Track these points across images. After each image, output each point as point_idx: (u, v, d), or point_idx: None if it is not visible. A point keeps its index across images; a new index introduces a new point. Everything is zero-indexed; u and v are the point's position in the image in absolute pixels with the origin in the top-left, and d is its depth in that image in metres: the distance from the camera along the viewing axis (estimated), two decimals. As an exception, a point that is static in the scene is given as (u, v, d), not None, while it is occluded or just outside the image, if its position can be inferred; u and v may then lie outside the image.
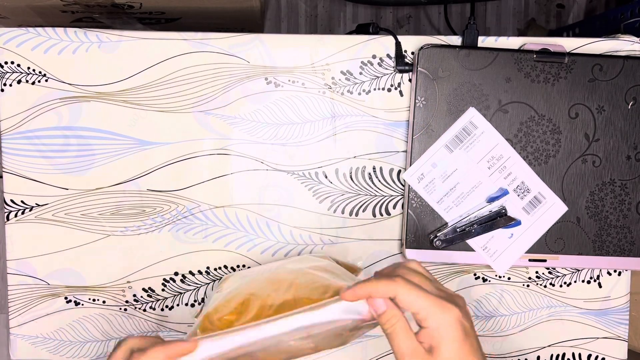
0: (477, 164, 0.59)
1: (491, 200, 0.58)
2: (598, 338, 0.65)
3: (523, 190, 0.59)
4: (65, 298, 0.61)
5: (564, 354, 0.65)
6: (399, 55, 0.59)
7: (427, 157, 0.58)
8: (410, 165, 0.58)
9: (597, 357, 0.65)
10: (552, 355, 0.65)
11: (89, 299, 0.62)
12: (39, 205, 0.60)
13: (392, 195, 0.62)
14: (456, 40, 0.60)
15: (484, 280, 0.63)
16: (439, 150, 0.58)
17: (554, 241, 0.60)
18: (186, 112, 0.60)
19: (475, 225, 0.59)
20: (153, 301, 0.62)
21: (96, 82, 0.59)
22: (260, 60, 0.60)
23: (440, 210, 0.59)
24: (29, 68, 0.59)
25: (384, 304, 0.42)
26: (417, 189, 0.59)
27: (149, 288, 0.62)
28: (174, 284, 0.62)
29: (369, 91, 0.61)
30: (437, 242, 0.58)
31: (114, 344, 0.61)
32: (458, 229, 0.59)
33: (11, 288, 0.61)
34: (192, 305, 0.63)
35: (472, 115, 0.58)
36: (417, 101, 0.58)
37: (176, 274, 0.62)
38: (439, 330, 0.40)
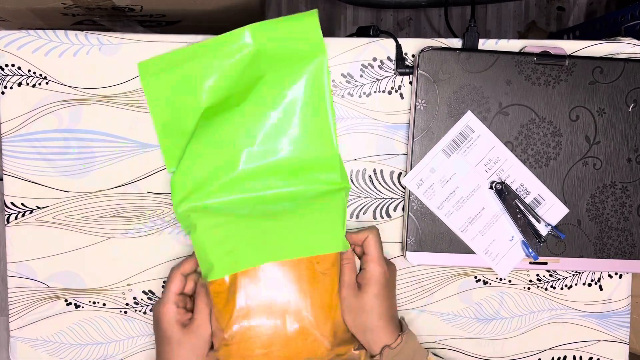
0: (475, 167, 0.59)
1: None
2: (599, 341, 0.64)
3: (523, 192, 0.59)
4: (65, 301, 0.61)
5: (564, 357, 0.64)
6: (400, 57, 0.59)
7: (426, 162, 0.58)
8: (411, 168, 0.58)
9: (598, 360, 0.65)
10: (553, 358, 0.64)
11: (89, 301, 0.62)
12: (39, 207, 0.60)
13: (392, 198, 0.62)
14: (457, 42, 0.60)
15: (485, 282, 0.63)
16: (436, 155, 0.58)
17: (555, 244, 0.60)
18: (187, 114, 0.60)
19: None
20: (153, 304, 0.62)
21: (97, 85, 0.59)
22: (261, 63, 0.60)
23: (441, 215, 0.59)
24: (29, 70, 0.59)
25: (351, 249, 0.58)
26: (417, 194, 0.59)
27: (149, 290, 0.62)
28: (174, 286, 0.62)
29: (370, 94, 0.61)
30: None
31: (115, 346, 0.61)
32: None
33: (11, 290, 0.61)
34: (193, 308, 0.62)
35: (468, 119, 0.58)
36: (417, 104, 0.58)
37: (176, 276, 0.62)
38: (370, 273, 0.56)
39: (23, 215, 0.60)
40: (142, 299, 0.62)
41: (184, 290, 0.57)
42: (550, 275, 0.64)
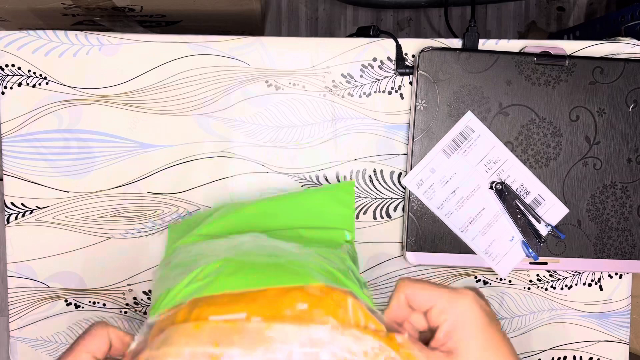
0: (475, 167, 0.59)
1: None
2: (599, 341, 0.64)
3: (523, 192, 0.59)
4: (66, 301, 0.61)
5: (565, 357, 0.64)
6: (400, 58, 0.59)
7: (426, 162, 0.58)
8: (411, 168, 0.58)
9: (598, 360, 0.65)
10: (553, 358, 0.64)
11: (89, 301, 0.62)
12: (39, 208, 0.60)
13: (392, 198, 0.62)
14: (457, 43, 0.60)
15: (485, 283, 0.63)
16: (437, 155, 0.58)
17: (555, 244, 0.60)
18: (187, 114, 0.60)
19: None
20: None
21: (97, 85, 0.59)
22: (261, 63, 0.60)
23: (441, 215, 0.59)
24: (29, 71, 0.59)
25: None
26: (418, 194, 0.59)
27: (150, 291, 0.62)
28: (174, 286, 0.62)
29: (370, 94, 0.61)
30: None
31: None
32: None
33: (11, 291, 0.61)
34: (193, 308, 0.62)
35: (468, 119, 0.58)
36: (417, 104, 0.58)
37: (176, 276, 0.62)
38: (458, 321, 0.35)
39: (23, 216, 0.60)
40: (142, 300, 0.62)
41: (107, 353, 0.38)
42: (551, 276, 0.64)
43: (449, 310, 0.35)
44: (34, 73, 0.59)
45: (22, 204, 0.60)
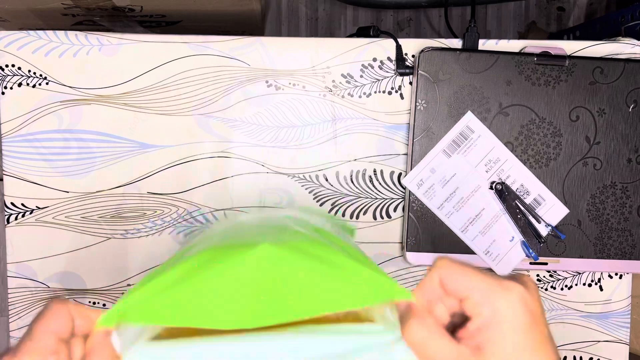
0: (475, 167, 0.59)
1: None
2: (599, 341, 0.64)
3: (523, 193, 0.59)
4: (66, 301, 0.61)
5: (565, 357, 0.64)
6: (400, 58, 0.59)
7: (426, 163, 0.58)
8: (412, 168, 0.58)
9: (598, 360, 0.65)
10: (553, 359, 0.64)
11: (89, 302, 0.62)
12: (39, 208, 0.60)
13: (392, 198, 0.62)
14: (457, 43, 0.60)
15: (485, 283, 0.63)
16: (437, 156, 0.58)
17: (555, 244, 0.60)
18: (187, 115, 0.60)
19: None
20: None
21: (97, 85, 0.59)
22: (261, 63, 0.60)
23: (441, 215, 0.59)
24: (29, 71, 0.59)
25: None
26: (418, 194, 0.59)
27: (150, 291, 0.62)
28: (174, 287, 0.62)
29: (370, 94, 0.61)
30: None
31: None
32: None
33: (11, 291, 0.61)
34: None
35: (469, 119, 0.58)
36: (417, 104, 0.58)
37: (176, 277, 0.62)
38: (495, 318, 0.30)
39: (23, 216, 0.60)
40: (142, 300, 0.62)
41: (70, 333, 0.32)
42: (551, 276, 0.64)
43: (487, 304, 0.30)
44: (34, 73, 0.59)
45: (22, 204, 0.60)
